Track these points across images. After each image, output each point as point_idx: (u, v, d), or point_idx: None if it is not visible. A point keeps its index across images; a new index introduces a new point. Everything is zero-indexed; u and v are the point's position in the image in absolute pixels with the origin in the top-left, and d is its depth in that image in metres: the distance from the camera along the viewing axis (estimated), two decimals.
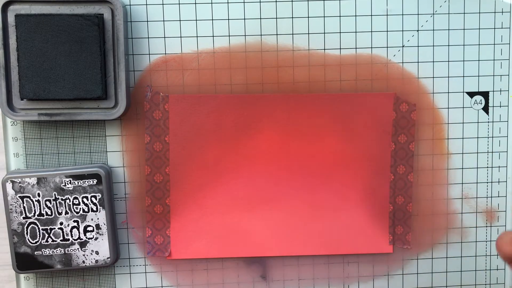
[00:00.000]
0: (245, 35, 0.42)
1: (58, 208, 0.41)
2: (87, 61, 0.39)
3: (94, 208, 0.41)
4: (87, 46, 0.39)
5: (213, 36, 0.42)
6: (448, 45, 0.43)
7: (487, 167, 0.44)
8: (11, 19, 0.39)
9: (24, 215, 0.40)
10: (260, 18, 0.42)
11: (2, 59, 0.39)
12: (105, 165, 0.42)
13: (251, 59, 0.42)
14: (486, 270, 0.45)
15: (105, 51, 0.40)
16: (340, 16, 0.42)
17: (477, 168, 0.44)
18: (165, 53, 0.42)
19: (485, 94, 0.44)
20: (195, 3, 0.41)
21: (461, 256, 0.45)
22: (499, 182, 0.44)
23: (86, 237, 0.41)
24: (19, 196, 0.40)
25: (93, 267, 0.43)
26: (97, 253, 0.41)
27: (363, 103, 0.43)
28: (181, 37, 0.42)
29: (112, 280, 0.44)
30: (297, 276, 0.45)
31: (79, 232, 0.41)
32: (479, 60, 0.43)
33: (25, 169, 0.42)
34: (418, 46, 0.43)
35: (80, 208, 0.41)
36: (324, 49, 0.42)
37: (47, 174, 0.40)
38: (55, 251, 0.41)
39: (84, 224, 0.41)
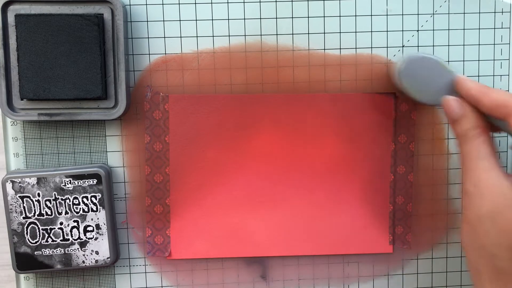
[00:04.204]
0: (245, 35, 0.42)
1: (58, 208, 0.41)
2: (87, 61, 0.39)
3: (94, 208, 0.41)
4: (87, 46, 0.39)
5: (213, 36, 0.42)
6: (448, 45, 0.43)
7: None
8: (11, 19, 0.39)
9: (24, 215, 0.40)
10: (260, 18, 0.42)
11: (2, 59, 0.39)
12: (105, 165, 0.42)
13: (251, 59, 0.42)
14: None
15: (105, 51, 0.40)
16: (340, 16, 0.42)
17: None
18: (165, 53, 0.42)
19: None
20: (195, 3, 0.42)
21: (461, 256, 0.45)
22: None
23: (86, 237, 0.41)
24: (19, 196, 0.40)
25: (93, 267, 0.43)
26: (97, 253, 0.41)
27: (363, 103, 0.43)
28: (181, 37, 0.42)
29: (112, 280, 0.44)
30: (297, 276, 0.45)
31: (79, 232, 0.41)
32: (479, 60, 0.43)
33: (25, 169, 0.42)
34: (418, 46, 0.43)
35: (80, 208, 0.41)
36: (324, 49, 0.42)
37: (47, 174, 0.40)
38: (55, 251, 0.41)
39: (84, 224, 0.41)
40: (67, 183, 0.41)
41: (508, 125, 0.34)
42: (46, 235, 0.41)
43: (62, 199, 0.41)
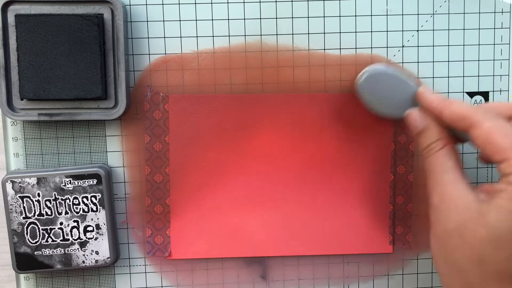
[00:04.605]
0: (245, 35, 0.42)
1: (58, 208, 0.41)
2: (87, 61, 0.39)
3: (94, 208, 0.41)
4: (87, 46, 0.39)
5: (213, 36, 0.42)
6: (448, 45, 0.43)
7: (487, 167, 0.44)
8: (11, 19, 0.39)
9: (24, 215, 0.40)
10: (260, 18, 0.42)
11: (2, 59, 0.39)
12: (105, 165, 0.42)
13: (251, 59, 0.42)
14: None
15: (105, 51, 0.40)
16: (340, 16, 0.42)
17: (477, 168, 0.44)
18: (165, 53, 0.42)
19: (485, 94, 0.44)
20: (195, 3, 0.42)
21: None
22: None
23: (86, 237, 0.41)
24: (19, 196, 0.40)
25: (93, 267, 0.43)
26: (97, 253, 0.41)
27: None
28: (181, 37, 0.42)
29: (112, 280, 0.44)
30: (297, 276, 0.45)
31: (79, 232, 0.41)
32: (479, 60, 0.43)
33: (25, 169, 0.42)
34: (418, 46, 0.43)
35: (80, 208, 0.41)
36: (324, 49, 0.42)
37: (47, 174, 0.40)
38: (55, 251, 0.41)
39: (84, 224, 0.41)
40: (67, 183, 0.40)
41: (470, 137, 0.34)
42: (46, 235, 0.41)
43: (62, 199, 0.41)
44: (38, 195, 0.40)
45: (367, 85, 0.40)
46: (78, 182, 0.41)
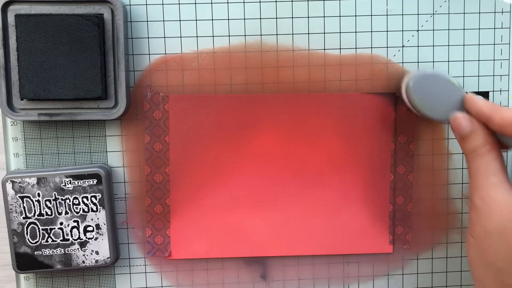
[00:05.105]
0: (245, 35, 0.42)
1: (58, 208, 0.41)
2: (87, 61, 0.39)
3: (94, 208, 0.41)
4: (87, 46, 0.39)
5: (213, 36, 0.42)
6: (448, 45, 0.43)
7: None
8: (11, 19, 0.39)
9: (24, 215, 0.40)
10: (260, 18, 0.42)
11: (2, 59, 0.39)
12: (105, 165, 0.42)
13: (251, 59, 0.42)
14: None
15: (105, 51, 0.40)
16: (340, 16, 0.42)
17: None
18: (165, 53, 0.42)
19: (485, 94, 0.44)
20: (195, 3, 0.42)
21: (461, 256, 0.45)
22: None
23: (86, 237, 0.41)
24: (19, 196, 0.40)
25: (93, 267, 0.43)
26: (97, 253, 0.41)
27: (363, 103, 0.43)
28: (181, 37, 0.42)
29: (112, 280, 0.44)
30: (297, 276, 0.45)
31: (79, 232, 0.41)
32: (479, 60, 0.43)
33: (25, 169, 0.42)
34: (418, 46, 0.43)
35: (80, 208, 0.41)
36: (324, 49, 0.42)
37: (47, 174, 0.40)
38: (55, 251, 0.41)
39: (84, 224, 0.41)
40: (67, 183, 0.41)
41: None
42: (46, 235, 0.41)
43: (62, 199, 0.41)
44: (38, 195, 0.40)
45: (417, 86, 0.39)
46: (78, 182, 0.41)
